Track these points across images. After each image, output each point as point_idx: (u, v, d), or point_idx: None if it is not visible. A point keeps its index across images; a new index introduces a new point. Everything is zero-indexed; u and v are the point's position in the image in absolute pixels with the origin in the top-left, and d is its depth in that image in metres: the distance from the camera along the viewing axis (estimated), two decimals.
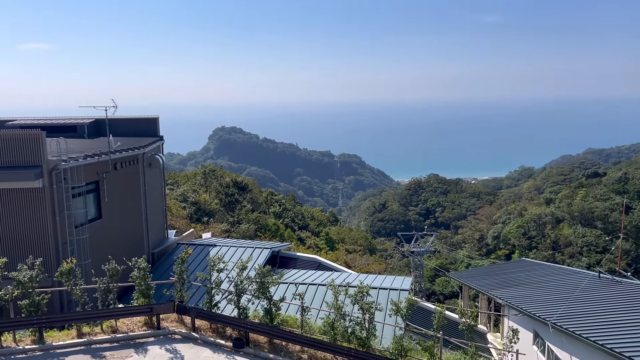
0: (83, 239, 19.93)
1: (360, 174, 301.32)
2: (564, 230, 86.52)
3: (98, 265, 17.54)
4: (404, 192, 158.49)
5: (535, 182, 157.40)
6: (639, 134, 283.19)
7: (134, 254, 18.70)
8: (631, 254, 77.76)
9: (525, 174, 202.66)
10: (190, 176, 74.28)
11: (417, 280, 65.12)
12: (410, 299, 18.36)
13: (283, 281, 22.64)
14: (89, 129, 28.17)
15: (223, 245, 28.64)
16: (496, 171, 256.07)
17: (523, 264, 39.16)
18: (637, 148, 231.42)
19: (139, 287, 17.25)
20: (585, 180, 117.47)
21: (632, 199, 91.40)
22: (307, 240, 66.44)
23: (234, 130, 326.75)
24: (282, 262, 29.63)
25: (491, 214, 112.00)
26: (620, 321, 21.15)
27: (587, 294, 25.36)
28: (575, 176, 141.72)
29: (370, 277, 25.62)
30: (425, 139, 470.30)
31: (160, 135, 28.99)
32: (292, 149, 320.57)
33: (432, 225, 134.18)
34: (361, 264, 58.19)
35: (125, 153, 23.04)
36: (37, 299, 16.05)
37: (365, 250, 74.77)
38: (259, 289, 17.06)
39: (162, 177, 29.00)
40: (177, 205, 55.46)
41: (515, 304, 26.05)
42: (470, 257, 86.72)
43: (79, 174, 19.70)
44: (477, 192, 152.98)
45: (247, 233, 54.50)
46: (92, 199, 21.80)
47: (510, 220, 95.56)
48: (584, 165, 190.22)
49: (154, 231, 27.29)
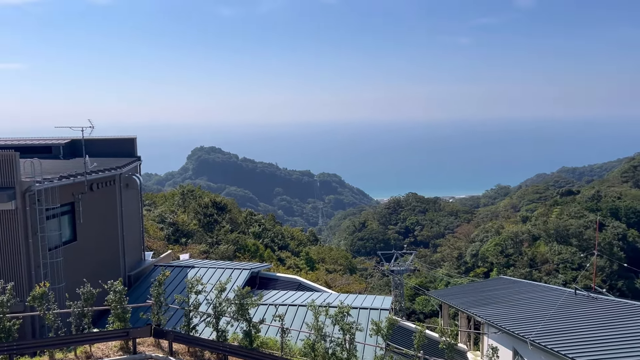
0: (57, 262, 19.48)
1: (340, 193, 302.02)
2: (540, 247, 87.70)
3: (72, 289, 17.13)
4: (384, 211, 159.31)
5: (511, 201, 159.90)
6: (610, 153, 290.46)
7: (110, 276, 18.33)
8: (606, 270, 79.12)
9: (502, 193, 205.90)
10: (168, 197, 73.49)
11: (398, 300, 65.07)
12: (391, 318, 18.31)
13: (263, 302, 22.39)
14: (65, 149, 27.76)
15: (201, 266, 28.28)
16: (473, 190, 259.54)
17: (501, 282, 39.50)
18: (608, 166, 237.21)
19: (115, 311, 16.87)
20: (560, 198, 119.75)
21: (604, 216, 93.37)
22: (287, 260, 66.03)
23: (213, 150, 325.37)
24: (261, 283, 29.33)
25: (469, 232, 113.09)
26: (596, 337, 21.43)
27: (564, 311, 25.67)
28: (550, 194, 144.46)
29: (351, 297, 25.53)
30: (403, 158, 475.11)
31: (138, 155, 28.71)
32: (271, 168, 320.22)
33: (412, 243, 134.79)
34: (341, 284, 57.97)
35: (101, 174, 22.73)
36: (8, 325, 15.56)
37: (345, 270, 74.61)
38: (238, 311, 16.84)
39: (139, 198, 28.64)
40: (154, 227, 54.70)
41: (495, 322, 26.20)
42: (450, 276, 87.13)
43: (54, 195, 19.34)
44: (455, 211, 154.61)
45: (226, 254, 53.93)
46: (67, 220, 21.38)
47: (487, 238, 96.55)
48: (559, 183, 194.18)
49: (131, 253, 26.84)
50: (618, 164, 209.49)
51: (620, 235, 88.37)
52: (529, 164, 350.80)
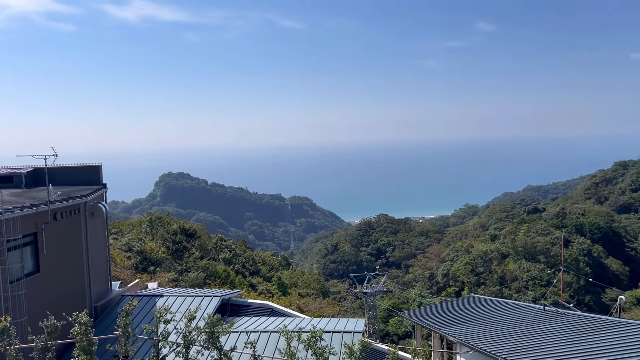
0: (19, 295, 18.79)
1: (311, 216, 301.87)
2: (509, 265, 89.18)
3: (35, 322, 16.50)
4: (355, 233, 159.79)
5: (480, 219, 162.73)
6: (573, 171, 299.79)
7: (75, 308, 17.75)
8: (573, 285, 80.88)
9: (470, 212, 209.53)
10: (135, 224, 72.03)
11: (371, 322, 64.87)
12: (364, 341, 18.22)
13: (234, 330, 22.04)
14: (27, 178, 27.05)
15: (170, 295, 27.70)
16: (442, 209, 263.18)
17: (472, 301, 39.88)
18: (572, 184, 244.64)
19: (80, 344, 16.27)
20: (527, 216, 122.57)
21: (570, 232, 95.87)
22: (259, 286, 65.24)
23: (181, 175, 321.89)
24: (232, 310, 28.87)
25: (440, 252, 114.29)
26: (566, 352, 21.78)
27: (534, 327, 26.05)
28: (517, 212, 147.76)
29: (324, 321, 25.34)
30: (373, 180, 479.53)
31: (104, 183, 28.17)
32: (241, 193, 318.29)
33: (384, 264, 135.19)
34: (314, 308, 57.51)
35: (65, 202, 22.18)
36: None
37: (318, 294, 74.10)
38: (208, 340, 16.47)
39: (105, 226, 28.02)
40: (121, 255, 53.43)
41: (467, 341, 26.37)
42: (422, 296, 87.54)
43: (15, 226, 18.76)
44: (425, 231, 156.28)
45: (196, 281, 52.96)
46: (30, 251, 20.71)
47: (458, 258, 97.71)
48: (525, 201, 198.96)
49: (97, 283, 26.12)
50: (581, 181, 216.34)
51: (585, 251, 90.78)
52: (496, 183, 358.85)
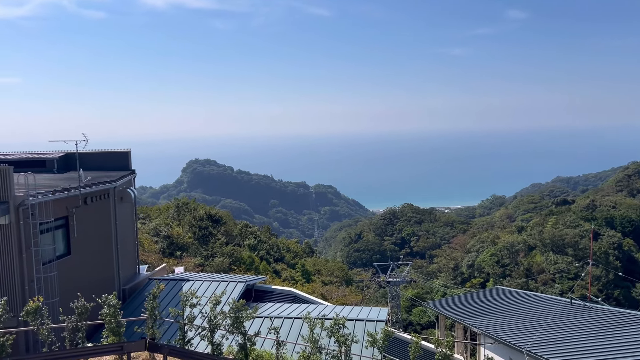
0: (51, 277, 19.37)
1: (335, 205, 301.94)
2: (536, 257, 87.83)
3: (66, 303, 17.02)
4: (379, 222, 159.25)
5: (506, 211, 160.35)
6: (604, 163, 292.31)
7: (104, 290, 18.24)
8: (602, 279, 79.25)
9: (497, 203, 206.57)
10: (162, 210, 73.23)
11: (394, 311, 64.86)
12: (386, 330, 18.28)
13: (258, 315, 22.31)
14: (59, 163, 27.72)
15: (196, 279, 28.16)
16: (468, 200, 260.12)
17: (497, 292, 39.50)
18: (603, 176, 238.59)
19: (109, 325, 16.76)
20: (555, 207, 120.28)
21: (600, 225, 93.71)
22: (283, 272, 65.78)
23: (208, 162, 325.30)
24: (257, 296, 29.22)
25: (465, 243, 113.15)
26: (592, 347, 21.43)
27: (560, 321, 25.68)
28: (545, 204, 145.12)
29: (347, 309, 25.46)
30: (398, 169, 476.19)
31: (132, 168, 28.68)
32: (266, 180, 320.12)
33: (408, 254, 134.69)
34: (338, 296, 57.76)
35: (95, 187, 22.68)
36: (2, 340, 15.42)
37: (341, 282, 74.34)
38: (233, 324, 16.77)
39: (133, 211, 28.58)
40: (149, 240, 54.47)
41: (491, 332, 26.17)
42: (446, 286, 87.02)
43: (48, 209, 19.28)
44: (450, 221, 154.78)
45: (221, 267, 53.69)
46: (61, 234, 21.29)
47: (483, 249, 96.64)
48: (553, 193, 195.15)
49: (125, 267, 26.72)
50: (612, 173, 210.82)
51: (615, 245, 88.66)
52: (524, 174, 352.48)
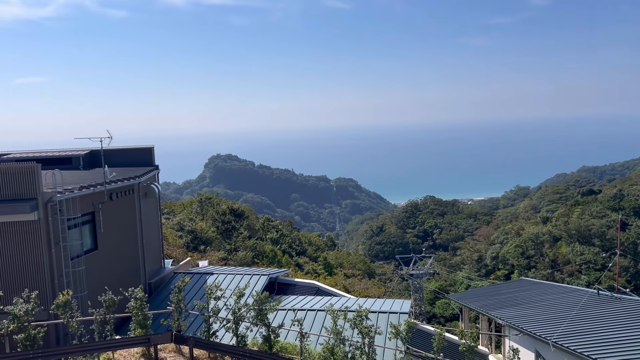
0: (79, 271, 19.82)
1: (356, 198, 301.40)
2: (562, 248, 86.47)
3: (94, 297, 17.42)
4: (401, 215, 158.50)
5: (531, 202, 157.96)
6: (632, 151, 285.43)
7: (131, 284, 18.59)
8: (630, 270, 77.68)
9: (521, 194, 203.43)
10: (186, 205, 74.14)
11: (417, 303, 64.64)
12: (410, 321, 18.24)
13: (281, 307, 22.47)
14: (84, 160, 28.25)
15: (220, 273, 28.48)
16: (492, 191, 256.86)
17: (522, 284, 39.04)
18: (631, 165, 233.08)
19: (136, 318, 17.08)
20: (581, 198, 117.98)
21: (627, 215, 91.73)
22: (305, 265, 66.07)
23: (229, 157, 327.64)
24: (280, 289, 29.43)
25: (489, 235, 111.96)
26: (620, 338, 21.06)
27: (587, 312, 25.29)
28: (571, 194, 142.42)
29: (370, 301, 25.47)
30: (420, 161, 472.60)
31: (156, 164, 29.07)
32: (287, 174, 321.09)
33: (430, 247, 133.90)
34: (360, 289, 57.81)
35: (120, 183, 23.07)
36: (33, 333, 15.83)
37: (364, 275, 74.35)
38: (257, 316, 16.94)
39: (158, 206, 28.99)
40: (173, 234, 55.24)
41: (516, 324, 25.91)
42: (470, 278, 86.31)
43: (75, 205, 19.69)
44: (473, 213, 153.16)
45: (244, 260, 54.20)
46: (88, 230, 21.73)
47: (507, 240, 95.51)
48: (579, 183, 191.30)
49: (151, 261, 27.16)
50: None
51: None
52: (548, 164, 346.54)
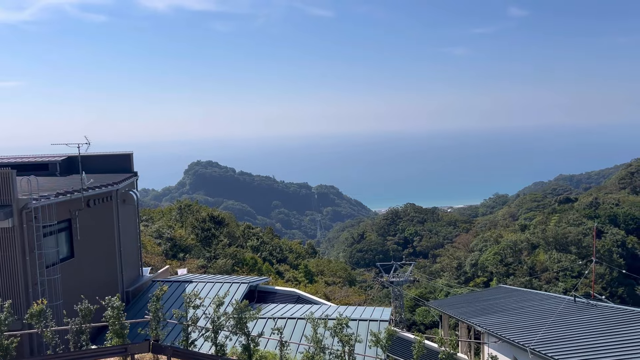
0: (54, 279, 19.43)
1: (337, 205, 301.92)
2: (539, 256, 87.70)
3: (70, 306, 17.08)
4: (382, 222, 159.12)
5: (509, 209, 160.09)
6: (607, 160, 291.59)
7: (108, 292, 18.27)
8: (606, 277, 79.10)
9: (500, 201, 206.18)
10: (165, 212, 73.33)
11: (398, 311, 64.81)
12: (390, 329, 18.27)
13: (261, 316, 22.33)
14: (61, 166, 27.79)
15: (199, 281, 28.21)
16: (471, 199, 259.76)
17: (501, 291, 39.46)
18: (606, 173, 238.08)
19: (113, 327, 16.79)
20: (558, 206, 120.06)
21: (603, 223, 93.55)
22: (286, 273, 65.79)
23: (209, 164, 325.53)
24: (260, 297, 29.25)
25: (468, 242, 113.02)
26: (596, 345, 21.39)
27: (563, 319, 25.64)
28: (548, 202, 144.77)
29: (350, 309, 25.46)
30: (400, 169, 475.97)
31: (135, 171, 28.73)
32: (269, 181, 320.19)
33: (411, 254, 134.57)
34: (341, 296, 57.73)
35: (98, 190, 22.74)
36: (6, 343, 15.46)
37: (344, 282, 74.30)
38: (236, 325, 16.79)
39: (136, 213, 28.62)
40: (152, 242, 54.55)
41: (495, 331, 26.14)
42: (449, 286, 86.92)
43: (51, 212, 19.34)
44: (453, 220, 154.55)
45: (224, 268, 53.73)
46: (64, 237, 21.36)
47: (486, 248, 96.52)
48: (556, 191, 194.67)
49: (128, 269, 26.77)
50: (615, 170, 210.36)
51: (619, 242, 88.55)
52: (526, 172, 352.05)
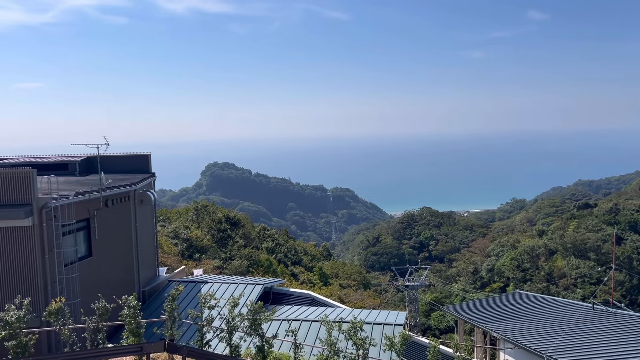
0: (72, 278, 19.68)
1: (353, 208, 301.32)
2: (557, 262, 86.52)
3: (87, 304, 17.28)
4: (397, 226, 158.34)
5: (527, 214, 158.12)
6: (628, 166, 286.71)
7: (125, 292, 18.46)
8: (625, 284, 77.75)
9: (517, 206, 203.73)
10: (182, 212, 73.91)
11: (412, 315, 64.42)
12: (404, 333, 18.16)
13: (276, 318, 22.36)
14: (81, 166, 28.17)
15: (215, 281, 28.34)
16: (488, 203, 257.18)
17: (518, 297, 38.97)
18: (627, 179, 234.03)
19: (129, 326, 16.95)
20: (577, 211, 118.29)
21: (623, 229, 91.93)
22: (301, 275, 65.83)
23: (226, 165, 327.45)
24: (274, 298, 29.28)
25: (484, 247, 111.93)
26: (615, 352, 21.01)
27: (581, 326, 25.24)
28: (567, 207, 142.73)
29: (364, 312, 25.37)
30: (416, 172, 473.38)
31: (152, 171, 29.00)
32: (284, 183, 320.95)
33: (426, 258, 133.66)
34: (355, 299, 57.59)
35: (116, 190, 23.00)
36: (25, 340, 15.69)
37: (359, 285, 74.11)
38: (251, 326, 16.84)
39: (153, 213, 28.88)
40: (168, 242, 55.01)
41: (511, 337, 25.82)
42: (465, 291, 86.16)
43: (70, 211, 19.61)
44: (470, 225, 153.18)
45: (239, 269, 53.96)
46: (83, 236, 21.62)
47: (503, 253, 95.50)
48: (575, 196, 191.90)
49: (145, 269, 27.01)
50: (636, 176, 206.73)
51: (639, 249, 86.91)
52: (544, 177, 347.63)
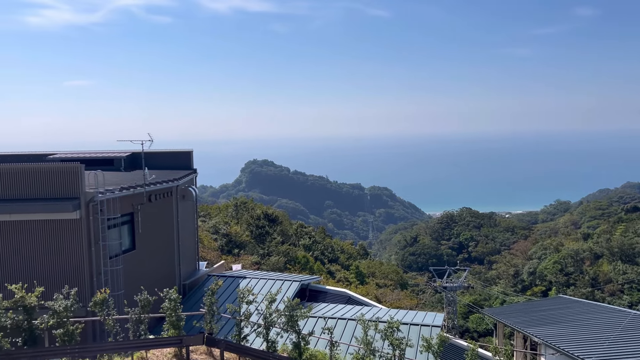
0: (117, 270, 20.30)
1: (390, 207, 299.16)
2: (603, 266, 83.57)
3: (130, 296, 17.79)
4: (436, 226, 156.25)
5: (571, 217, 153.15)
6: None
7: (166, 285, 18.92)
8: None
9: (561, 208, 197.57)
10: (222, 208, 75.15)
11: (450, 317, 63.50)
12: (442, 335, 17.96)
13: (312, 315, 22.46)
14: (126, 162, 29.00)
15: (253, 277, 28.70)
16: (531, 205, 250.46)
17: (561, 301, 37.84)
18: None
19: (170, 319, 17.36)
20: (625, 214, 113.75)
21: None
22: (337, 273, 65.88)
23: (265, 163, 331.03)
24: (311, 296, 29.42)
25: (526, 249, 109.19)
26: None
27: (628, 334, 24.33)
28: (614, 210, 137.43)
29: (401, 313, 25.18)
30: (457, 172, 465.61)
31: (194, 168, 29.59)
32: (322, 181, 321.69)
33: (465, 259, 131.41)
34: (392, 299, 57.23)
35: (159, 185, 23.57)
36: (71, 329, 16.26)
37: (396, 285, 73.59)
38: (287, 322, 16.98)
39: (194, 209, 29.47)
40: (208, 237, 56.04)
41: (553, 343, 25.13)
42: (505, 294, 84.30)
43: (115, 205, 20.22)
44: (511, 227, 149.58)
45: (276, 265, 54.48)
46: (127, 230, 22.26)
47: (546, 256, 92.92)
48: (623, 199, 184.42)
49: (186, 263, 27.60)
50: None
51: None
52: (590, 178, 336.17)
